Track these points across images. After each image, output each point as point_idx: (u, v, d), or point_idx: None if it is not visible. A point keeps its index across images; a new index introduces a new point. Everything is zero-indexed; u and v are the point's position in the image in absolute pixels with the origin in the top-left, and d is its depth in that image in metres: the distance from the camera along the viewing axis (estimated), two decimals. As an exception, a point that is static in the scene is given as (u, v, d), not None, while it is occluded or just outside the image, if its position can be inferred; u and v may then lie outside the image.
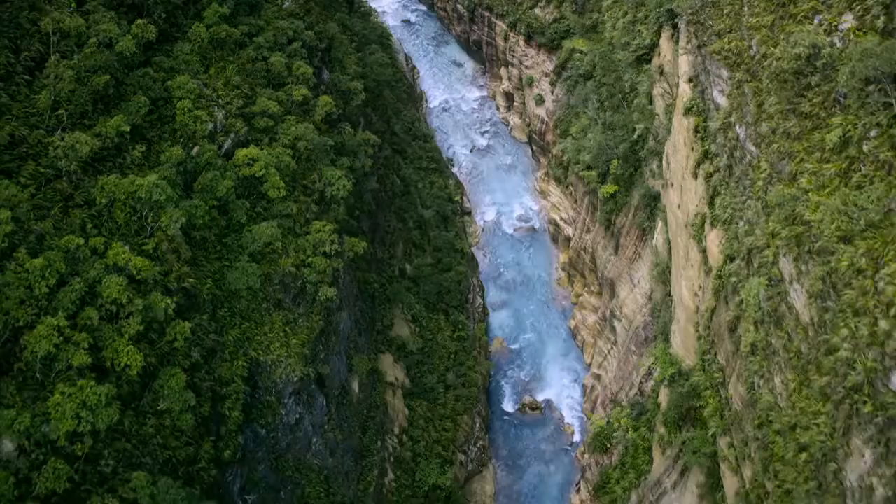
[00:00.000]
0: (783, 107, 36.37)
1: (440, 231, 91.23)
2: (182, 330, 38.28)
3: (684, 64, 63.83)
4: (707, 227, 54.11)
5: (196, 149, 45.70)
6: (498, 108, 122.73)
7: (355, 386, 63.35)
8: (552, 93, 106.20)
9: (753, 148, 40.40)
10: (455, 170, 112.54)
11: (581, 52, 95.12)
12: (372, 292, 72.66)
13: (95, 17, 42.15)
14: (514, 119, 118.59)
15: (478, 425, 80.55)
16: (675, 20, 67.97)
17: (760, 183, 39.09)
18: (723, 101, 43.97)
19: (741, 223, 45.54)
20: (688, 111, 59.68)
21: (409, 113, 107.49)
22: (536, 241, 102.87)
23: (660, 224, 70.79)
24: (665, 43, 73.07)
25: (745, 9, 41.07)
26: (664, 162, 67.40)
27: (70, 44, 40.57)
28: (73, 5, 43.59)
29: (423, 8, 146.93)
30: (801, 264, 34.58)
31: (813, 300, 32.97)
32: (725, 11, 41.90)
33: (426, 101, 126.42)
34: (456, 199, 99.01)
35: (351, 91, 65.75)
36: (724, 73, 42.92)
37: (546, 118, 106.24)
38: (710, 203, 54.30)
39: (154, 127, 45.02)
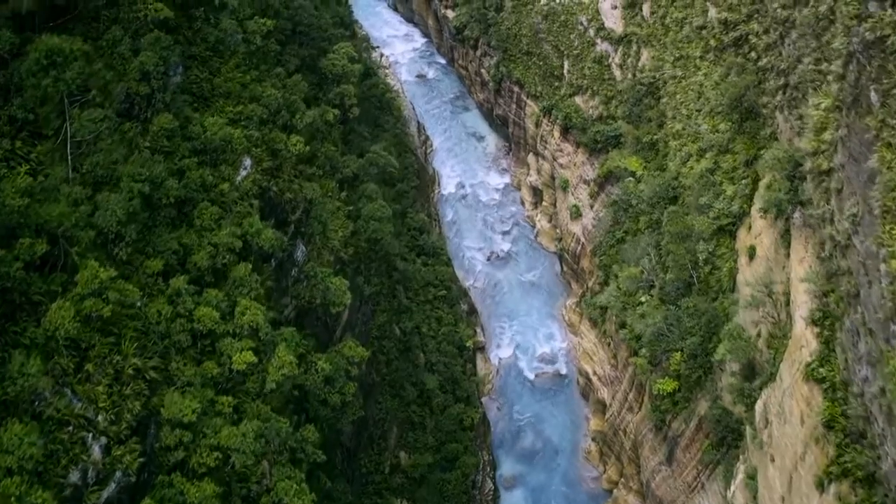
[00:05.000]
0: None
1: (446, 397, 72.82)
2: None
3: (803, 295, 45.04)
4: None
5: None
6: (523, 203, 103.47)
7: None
8: (591, 208, 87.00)
9: None
10: (469, 282, 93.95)
11: (633, 176, 75.88)
12: (349, 534, 54.61)
13: None
14: (542, 222, 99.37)
15: None
16: (792, 215, 48.72)
17: None
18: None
19: None
20: (812, 378, 41.24)
21: (415, 216, 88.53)
22: (562, 392, 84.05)
23: (740, 478, 52.22)
24: (762, 224, 54.01)
25: None
26: (759, 415, 48.65)
27: None
28: None
29: (443, 62, 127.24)
30: None
31: None
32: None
33: (439, 184, 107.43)
34: (468, 343, 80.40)
35: (333, 290, 47.22)
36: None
37: (582, 239, 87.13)
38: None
39: (-34, 509, 26.71)
